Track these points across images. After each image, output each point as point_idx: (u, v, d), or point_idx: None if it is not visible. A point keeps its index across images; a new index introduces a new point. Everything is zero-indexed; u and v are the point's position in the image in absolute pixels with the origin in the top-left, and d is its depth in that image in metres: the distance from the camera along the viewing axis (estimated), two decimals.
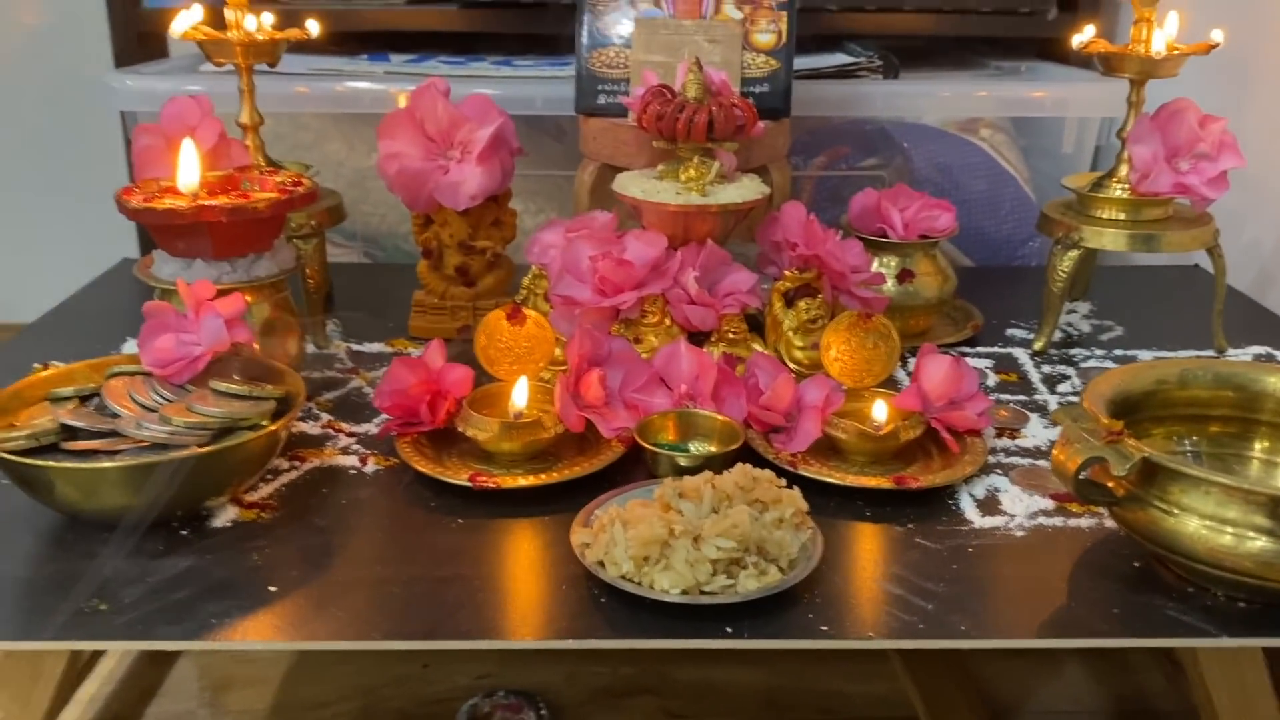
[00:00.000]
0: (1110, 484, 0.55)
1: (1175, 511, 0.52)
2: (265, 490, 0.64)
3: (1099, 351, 0.88)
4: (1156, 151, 0.82)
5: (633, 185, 0.76)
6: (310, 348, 0.85)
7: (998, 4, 1.21)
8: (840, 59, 1.14)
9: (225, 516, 0.61)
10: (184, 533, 0.60)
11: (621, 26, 0.86)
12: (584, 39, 0.87)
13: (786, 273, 0.78)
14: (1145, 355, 0.88)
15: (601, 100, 0.87)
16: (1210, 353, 0.87)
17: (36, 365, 0.71)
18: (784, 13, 0.86)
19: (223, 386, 0.63)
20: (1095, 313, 0.98)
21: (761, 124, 0.77)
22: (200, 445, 0.59)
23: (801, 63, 1.09)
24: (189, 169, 0.70)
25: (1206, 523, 0.51)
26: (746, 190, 0.76)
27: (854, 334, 0.72)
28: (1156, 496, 0.53)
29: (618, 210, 0.80)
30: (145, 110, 1.06)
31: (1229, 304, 0.89)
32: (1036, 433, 0.73)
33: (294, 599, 0.54)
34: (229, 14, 0.81)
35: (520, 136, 0.85)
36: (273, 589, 0.55)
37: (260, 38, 0.81)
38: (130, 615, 0.53)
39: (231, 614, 0.53)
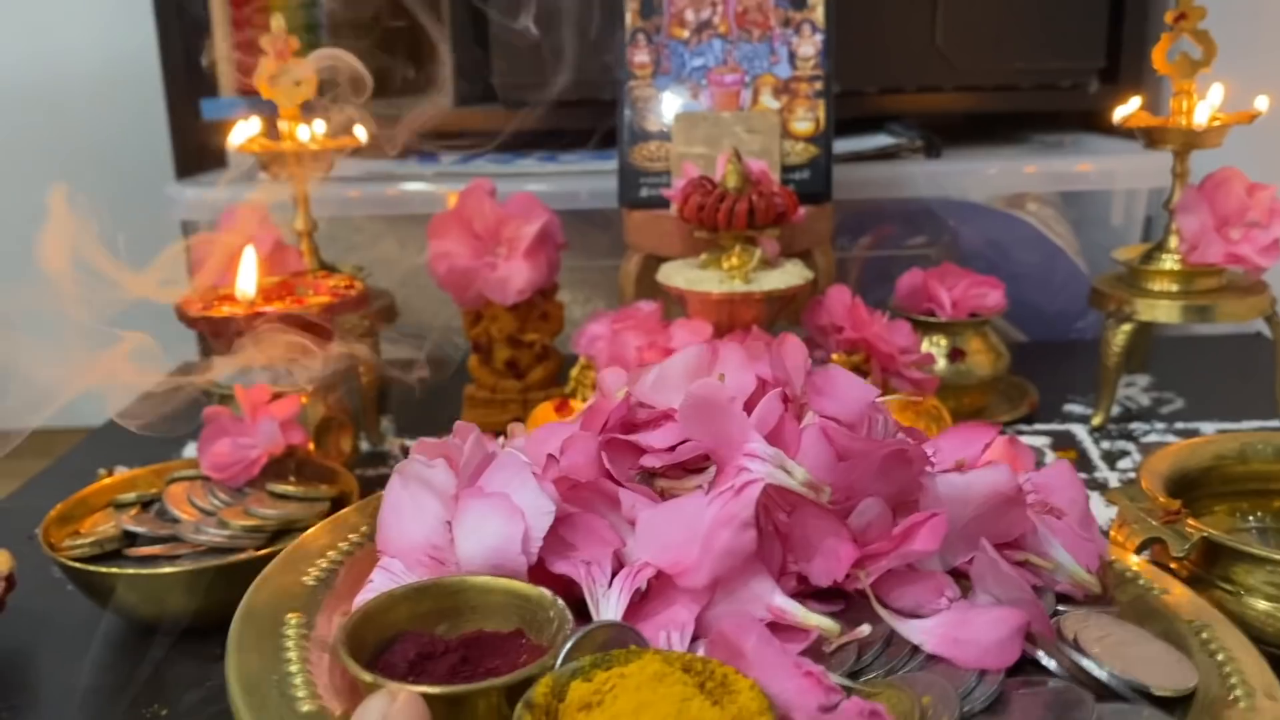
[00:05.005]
0: (1173, 565, 0.54)
1: (1240, 592, 0.51)
2: None
3: (1159, 425, 0.87)
4: (1205, 222, 0.81)
5: (676, 275, 0.77)
6: (365, 445, 0.86)
7: (1038, 80, 1.22)
8: (882, 140, 1.15)
9: None
10: None
11: (661, 121, 0.88)
12: (625, 134, 0.89)
13: (834, 356, 0.78)
14: (1207, 427, 0.86)
15: (644, 193, 0.88)
16: (1276, 423, 0.85)
17: (101, 471, 0.73)
18: (821, 100, 0.87)
19: (278, 488, 0.64)
20: (1155, 385, 0.96)
21: (803, 210, 0.78)
22: (256, 548, 0.60)
23: (843, 145, 1.10)
24: (247, 277, 0.73)
25: (1275, 604, 0.50)
26: (790, 276, 0.77)
27: (905, 416, 0.71)
28: (1220, 577, 0.52)
29: (663, 300, 0.81)
30: (205, 219, 1.10)
31: None
32: (1097, 511, 0.71)
33: None
34: (282, 125, 0.84)
35: (567, 228, 0.86)
36: None
37: (313, 147, 0.84)
38: None
39: None
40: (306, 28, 1.26)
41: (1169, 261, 0.83)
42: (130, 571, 0.58)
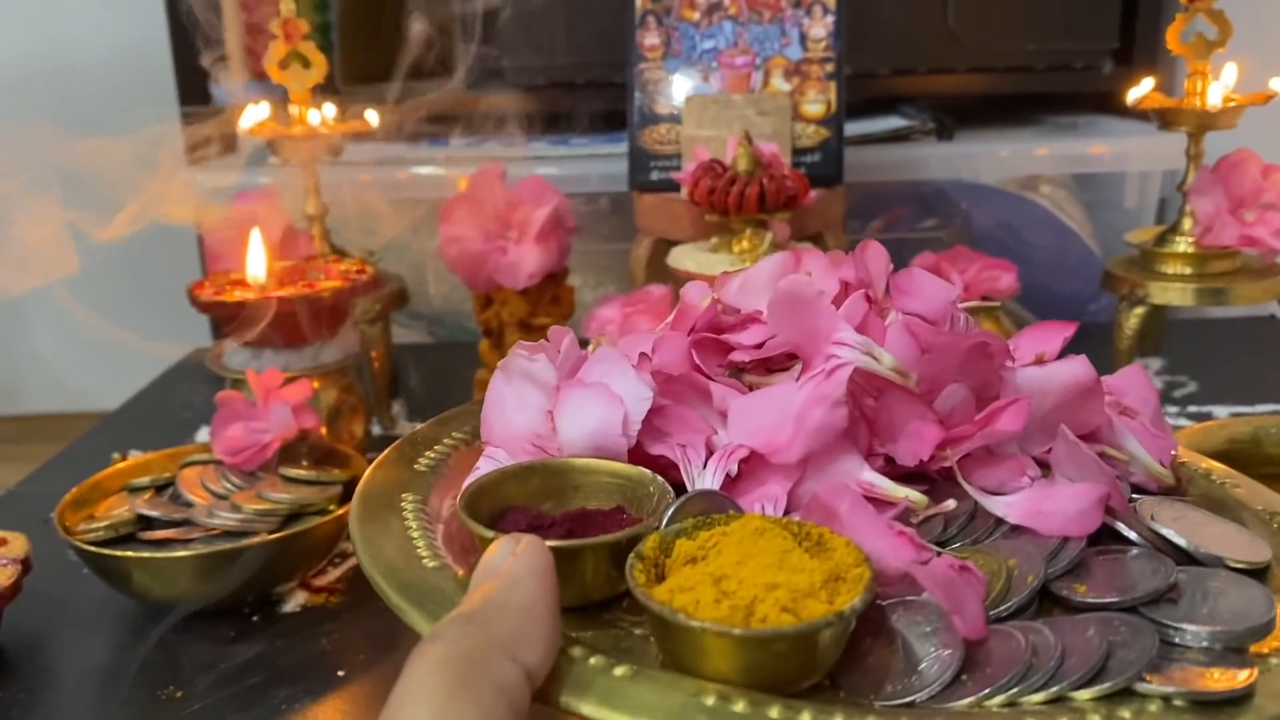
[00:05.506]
0: None
1: None
2: (333, 574, 0.65)
3: (1172, 409, 0.86)
4: (1219, 204, 0.81)
5: (687, 259, 0.77)
6: (376, 429, 0.86)
7: (1051, 61, 1.21)
8: (893, 123, 1.15)
9: (295, 601, 0.62)
10: (255, 618, 0.61)
11: (672, 103, 0.88)
12: (635, 117, 0.89)
13: None
14: (1221, 411, 0.85)
15: (654, 176, 0.88)
16: None
17: (115, 455, 0.74)
18: (832, 83, 0.87)
19: (291, 472, 0.65)
20: (1168, 368, 0.96)
21: (814, 193, 0.78)
22: (269, 532, 0.60)
23: (854, 128, 1.10)
24: (256, 261, 0.73)
25: None
26: None
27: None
28: None
29: (673, 284, 0.81)
30: (217, 203, 1.10)
31: None
32: None
33: (362, 683, 0.55)
34: (293, 109, 0.84)
35: (578, 211, 0.86)
36: (341, 673, 0.56)
37: (323, 131, 0.84)
38: (203, 702, 0.54)
39: (302, 699, 0.54)
40: (316, 10, 1.26)
41: (1183, 244, 0.83)
42: (144, 555, 0.58)
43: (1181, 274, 0.83)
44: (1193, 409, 0.86)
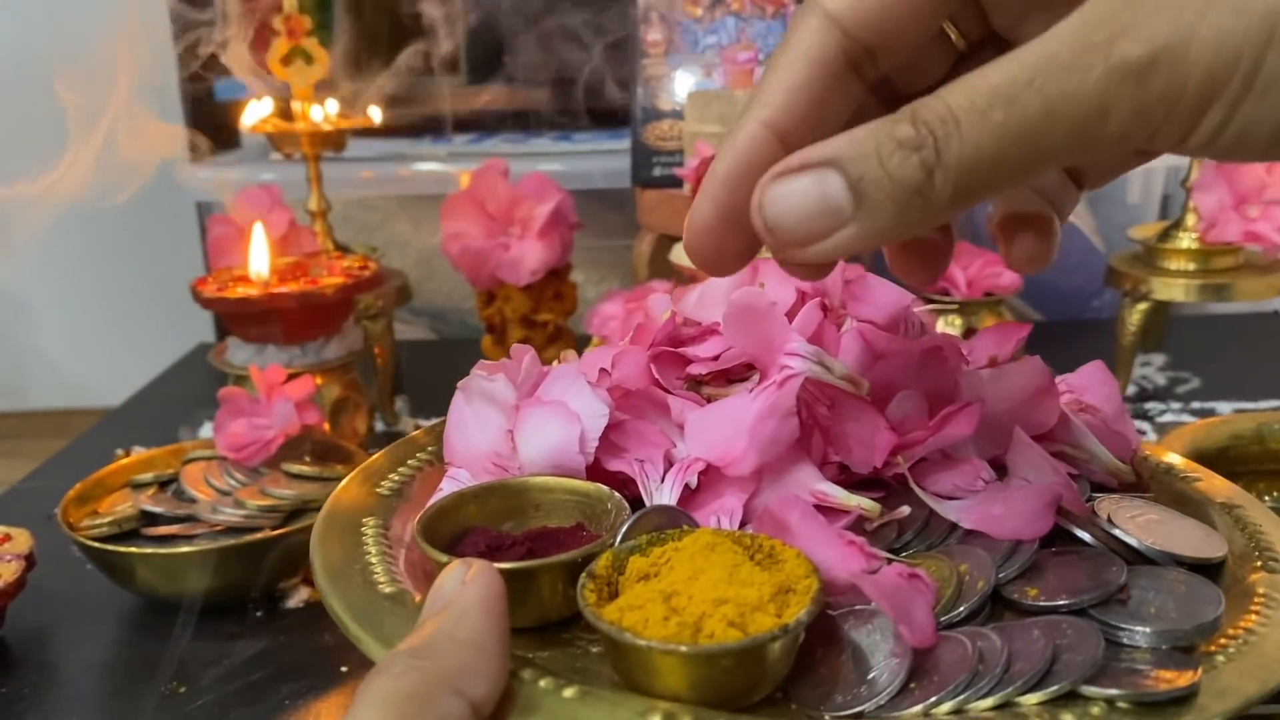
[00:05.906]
0: None
1: None
2: None
3: (1175, 405, 0.86)
4: (1223, 199, 0.81)
5: None
6: (380, 425, 0.86)
7: None
8: None
9: (298, 597, 0.62)
10: (259, 614, 0.61)
11: (674, 99, 0.88)
12: (638, 113, 0.89)
13: None
14: (1224, 407, 0.85)
15: (657, 172, 0.88)
16: None
17: (119, 451, 0.74)
18: None
19: (294, 468, 0.65)
20: (1171, 364, 0.95)
21: None
22: (273, 527, 0.60)
23: None
24: (259, 257, 0.73)
25: None
26: None
27: None
28: None
29: (676, 280, 0.81)
30: (220, 200, 1.10)
31: None
32: None
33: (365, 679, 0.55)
34: (295, 105, 0.84)
35: (581, 208, 0.86)
36: (344, 669, 0.56)
37: (326, 127, 0.84)
38: (208, 698, 0.54)
39: (305, 695, 0.54)
40: (319, 6, 1.26)
41: (1186, 240, 0.83)
42: (148, 551, 0.58)
43: (1185, 270, 0.83)
44: (1196, 405, 0.86)
